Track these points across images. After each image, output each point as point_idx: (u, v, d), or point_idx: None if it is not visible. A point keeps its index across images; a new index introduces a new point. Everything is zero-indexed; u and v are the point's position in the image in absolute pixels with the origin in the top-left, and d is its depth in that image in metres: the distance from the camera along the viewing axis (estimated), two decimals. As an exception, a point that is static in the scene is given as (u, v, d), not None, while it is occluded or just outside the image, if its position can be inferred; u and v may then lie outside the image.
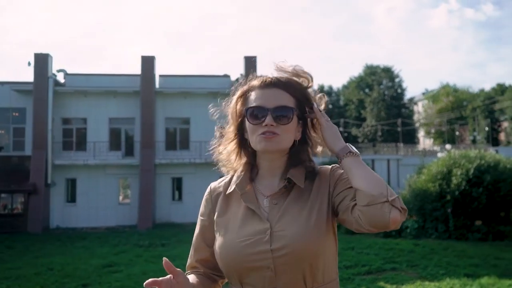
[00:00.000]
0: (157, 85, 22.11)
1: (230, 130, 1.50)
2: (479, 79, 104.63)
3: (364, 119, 54.45)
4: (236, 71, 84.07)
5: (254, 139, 1.38)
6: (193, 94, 22.17)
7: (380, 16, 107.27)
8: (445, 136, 55.68)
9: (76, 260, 11.89)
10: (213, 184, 1.54)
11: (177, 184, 22.18)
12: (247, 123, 1.41)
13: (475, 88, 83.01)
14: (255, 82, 1.47)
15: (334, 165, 1.44)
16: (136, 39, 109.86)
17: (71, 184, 21.43)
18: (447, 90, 59.66)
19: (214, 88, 22.23)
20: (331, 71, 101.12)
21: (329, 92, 60.66)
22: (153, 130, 21.35)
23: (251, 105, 1.41)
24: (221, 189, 1.49)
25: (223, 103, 1.59)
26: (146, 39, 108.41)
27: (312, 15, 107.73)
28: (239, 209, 1.40)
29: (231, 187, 1.44)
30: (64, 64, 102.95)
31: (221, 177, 1.55)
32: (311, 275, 1.30)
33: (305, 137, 1.45)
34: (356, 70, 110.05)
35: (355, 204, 1.28)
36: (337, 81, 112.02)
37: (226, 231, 1.38)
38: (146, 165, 20.75)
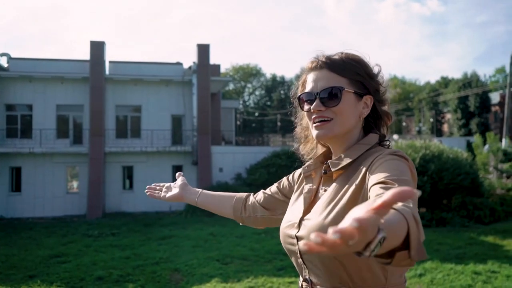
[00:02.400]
0: (107, 72, 21.56)
1: (303, 117, 1.45)
2: (425, 72, 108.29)
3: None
4: (188, 59, 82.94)
5: (311, 129, 1.34)
6: (144, 82, 21.78)
7: (331, 9, 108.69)
8: (393, 127, 57.50)
9: (22, 251, 11.51)
10: (307, 163, 1.49)
11: (128, 172, 21.81)
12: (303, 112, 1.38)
13: (421, 80, 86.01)
14: (307, 65, 1.38)
15: (395, 151, 1.22)
16: (84, 24, 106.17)
17: (16, 173, 20.63)
18: (395, 82, 61.55)
19: (167, 76, 21.95)
20: (284, 61, 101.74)
21: (281, 82, 61.12)
22: (102, 117, 20.84)
23: (300, 93, 1.37)
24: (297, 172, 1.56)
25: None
26: (95, 24, 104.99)
27: (265, 6, 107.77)
28: (301, 192, 1.43)
29: (302, 170, 1.47)
30: (7, 48, 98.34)
31: None
32: (348, 276, 1.17)
33: (373, 114, 1.34)
34: (307, 61, 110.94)
35: None
36: (290, 72, 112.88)
37: (288, 209, 1.43)
38: (96, 153, 20.26)
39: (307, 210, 1.30)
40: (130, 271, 9.02)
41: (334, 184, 1.27)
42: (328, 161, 1.31)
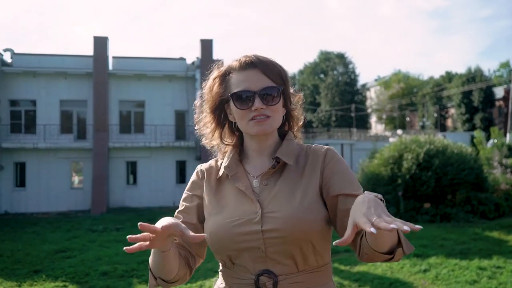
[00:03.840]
0: (110, 67, 21.56)
1: (207, 111, 1.47)
2: (428, 66, 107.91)
3: (318, 104, 55.20)
4: (192, 54, 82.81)
5: (245, 125, 1.36)
6: (148, 77, 21.78)
7: (333, 3, 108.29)
8: (396, 122, 57.36)
9: (26, 246, 11.55)
10: (201, 167, 1.52)
11: (132, 168, 21.85)
12: (234, 108, 1.38)
13: (425, 75, 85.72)
14: (234, 63, 1.42)
15: (329, 147, 1.42)
16: (87, 19, 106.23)
17: (20, 168, 20.70)
18: (399, 77, 61.36)
19: (170, 71, 21.94)
20: (286, 56, 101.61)
21: (284, 77, 60.94)
22: (106, 113, 20.86)
23: (236, 90, 1.36)
24: (211, 171, 1.48)
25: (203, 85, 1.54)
26: (98, 19, 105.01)
27: (267, 1, 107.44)
28: (229, 191, 1.39)
29: (222, 170, 1.43)
30: (11, 44, 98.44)
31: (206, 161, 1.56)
32: (303, 258, 1.30)
33: (288, 114, 1.46)
34: (311, 56, 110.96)
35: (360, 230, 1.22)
36: (293, 67, 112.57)
37: (217, 213, 1.37)
38: (99, 148, 20.30)
39: (263, 204, 1.32)
40: (135, 266, 9.02)
41: (277, 177, 1.36)
42: (278, 155, 1.36)
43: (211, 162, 1.52)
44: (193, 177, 1.51)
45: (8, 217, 18.60)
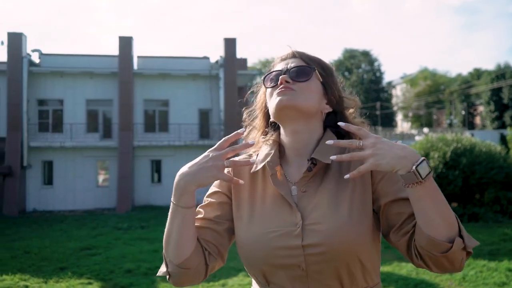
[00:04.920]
0: (135, 66, 21.77)
1: (257, 119, 1.35)
2: (455, 63, 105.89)
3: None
4: (215, 53, 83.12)
5: (272, 103, 1.22)
6: (172, 76, 21.92)
7: (356, 0, 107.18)
8: (423, 120, 56.47)
9: (53, 243, 11.75)
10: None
11: (156, 166, 22.04)
12: (266, 91, 1.27)
13: (452, 72, 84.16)
14: (277, 59, 1.33)
15: None
16: (113, 19, 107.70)
17: (48, 167, 21.09)
18: (425, 74, 60.34)
19: (194, 70, 22.04)
20: (312, 54, 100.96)
21: (308, 75, 60.75)
22: (131, 112, 21.08)
23: (267, 73, 1.28)
24: (243, 167, 1.28)
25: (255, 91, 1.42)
26: (123, 19, 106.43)
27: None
28: (265, 193, 1.22)
29: (258, 165, 1.24)
30: (38, 44, 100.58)
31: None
32: (350, 278, 1.12)
33: (339, 114, 1.28)
34: (335, 54, 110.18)
35: (413, 231, 1.09)
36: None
37: (250, 219, 1.20)
38: (125, 147, 20.53)
39: (303, 214, 1.14)
40: (159, 264, 9.04)
41: (319, 181, 1.18)
42: (314, 156, 1.17)
43: (244, 156, 1.33)
44: (215, 187, 1.35)
45: (36, 214, 19.00)
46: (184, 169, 1.22)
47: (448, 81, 60.24)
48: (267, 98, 1.26)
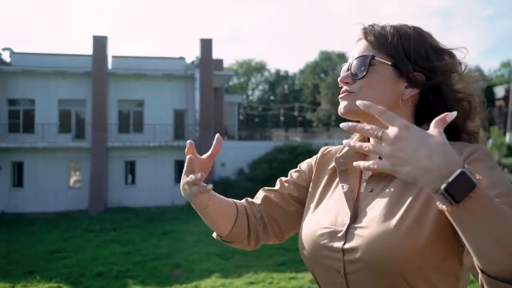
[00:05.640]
0: (109, 66, 21.50)
1: None
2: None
3: (318, 104, 55.11)
4: (192, 53, 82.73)
5: None
6: (147, 76, 21.72)
7: (333, 2, 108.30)
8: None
9: (22, 246, 11.49)
10: (327, 149, 1.25)
11: (131, 167, 21.79)
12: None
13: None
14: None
15: (475, 145, 0.97)
16: (87, 18, 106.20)
17: (18, 168, 20.64)
18: (399, 76, 61.28)
19: (169, 70, 21.89)
20: (287, 56, 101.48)
21: (285, 77, 60.96)
22: (105, 112, 20.79)
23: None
24: (331, 158, 1.18)
25: None
26: (98, 18, 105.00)
27: (266, 0, 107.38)
28: (336, 188, 1.12)
29: (333, 161, 1.15)
30: (10, 43, 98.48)
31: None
32: None
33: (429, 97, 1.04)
34: (311, 56, 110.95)
35: None
36: (294, 66, 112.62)
37: (314, 211, 1.13)
38: (98, 148, 20.24)
39: (352, 215, 1.03)
40: (131, 266, 8.98)
41: (388, 183, 1.02)
42: None
43: (340, 146, 1.21)
44: (310, 159, 1.27)
45: (5, 217, 18.55)
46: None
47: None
48: None
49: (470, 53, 1.09)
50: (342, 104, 1.06)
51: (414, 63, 1.03)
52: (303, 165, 1.27)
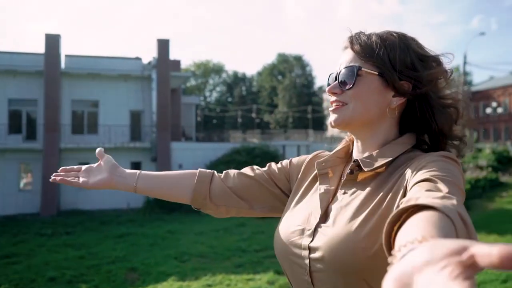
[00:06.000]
0: (62, 65, 20.91)
1: None
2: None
3: (276, 106, 55.51)
4: (148, 54, 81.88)
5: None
6: (102, 76, 21.26)
7: (290, 5, 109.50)
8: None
9: (-31, 252, 11.02)
10: (319, 153, 1.29)
11: (85, 169, 21.24)
12: None
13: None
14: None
15: (437, 153, 0.98)
16: (39, 16, 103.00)
17: (-36, 170, 19.74)
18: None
19: (125, 70, 21.52)
20: (245, 58, 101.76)
21: (243, 79, 61.08)
22: (58, 112, 20.20)
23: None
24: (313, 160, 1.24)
25: None
26: (51, 16, 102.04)
27: (225, 2, 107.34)
28: (317, 189, 1.15)
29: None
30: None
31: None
32: None
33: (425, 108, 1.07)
34: (269, 58, 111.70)
35: None
36: (252, 68, 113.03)
37: (291, 210, 1.16)
38: (50, 149, 19.62)
39: (323, 215, 1.06)
40: (84, 271, 8.77)
41: (360, 188, 1.05)
42: (358, 158, 1.06)
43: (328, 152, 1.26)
44: (303, 157, 1.31)
45: (-50, 221, 17.69)
46: None
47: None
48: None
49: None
50: (333, 117, 1.08)
51: (400, 72, 1.04)
52: (293, 162, 1.31)
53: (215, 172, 1.33)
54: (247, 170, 1.31)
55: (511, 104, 48.25)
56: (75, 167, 1.41)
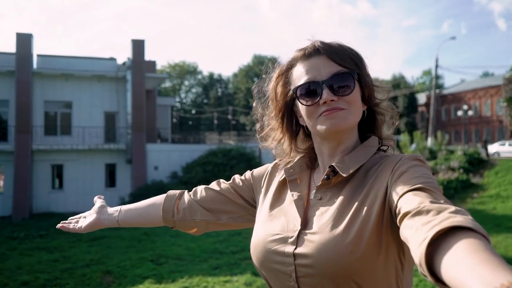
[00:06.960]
0: (34, 66, 20.53)
1: (272, 116, 1.24)
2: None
3: (252, 108, 55.63)
4: (122, 54, 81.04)
5: (313, 123, 1.10)
6: (75, 76, 20.96)
7: (265, 7, 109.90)
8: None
9: None
10: (277, 162, 1.30)
11: (58, 171, 20.90)
12: (300, 106, 1.12)
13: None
14: (296, 54, 1.17)
15: (408, 155, 1.05)
16: (10, 14, 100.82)
17: None
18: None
19: (99, 71, 21.26)
20: (221, 59, 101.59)
21: (218, 80, 60.96)
22: (30, 113, 19.82)
23: (299, 83, 1.11)
24: (281, 171, 1.24)
25: (261, 84, 1.31)
26: (23, 15, 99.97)
27: (201, 2, 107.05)
28: (286, 198, 1.18)
29: (282, 172, 1.21)
30: None
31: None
32: None
33: (370, 112, 1.16)
34: (245, 59, 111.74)
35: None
36: (228, 70, 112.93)
37: (265, 218, 1.17)
38: (22, 151, 19.24)
39: (303, 221, 1.08)
40: (58, 274, 8.63)
41: (336, 192, 1.08)
42: (334, 164, 1.08)
43: (286, 160, 1.26)
44: (264, 167, 1.33)
45: None
46: None
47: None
48: (304, 114, 1.12)
49: (395, 61, 1.25)
50: (335, 121, 1.06)
51: (368, 83, 1.13)
52: (256, 172, 1.34)
53: (186, 191, 1.41)
54: (213, 185, 1.37)
55: (481, 107, 49.48)
56: (76, 216, 1.57)
